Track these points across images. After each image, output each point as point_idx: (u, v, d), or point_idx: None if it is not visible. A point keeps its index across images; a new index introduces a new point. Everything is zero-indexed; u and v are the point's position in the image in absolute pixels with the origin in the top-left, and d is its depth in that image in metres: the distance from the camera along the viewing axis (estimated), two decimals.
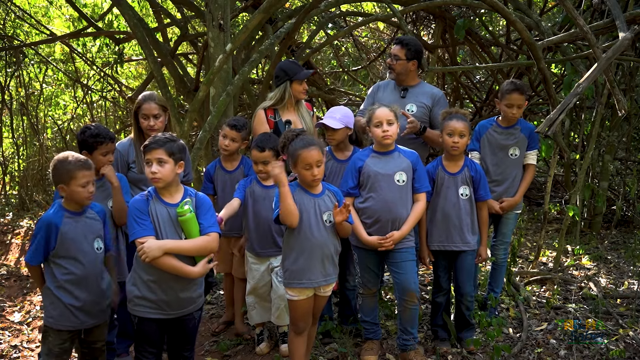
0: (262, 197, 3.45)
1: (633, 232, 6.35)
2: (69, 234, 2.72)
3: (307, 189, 2.94)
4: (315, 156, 2.85)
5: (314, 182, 2.91)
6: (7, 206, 7.89)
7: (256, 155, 3.40)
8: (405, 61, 3.81)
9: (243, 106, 7.91)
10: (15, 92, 8.46)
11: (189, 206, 2.66)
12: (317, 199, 2.93)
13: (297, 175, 2.97)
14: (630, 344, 3.53)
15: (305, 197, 2.92)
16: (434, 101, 3.82)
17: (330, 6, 5.41)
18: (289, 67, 3.82)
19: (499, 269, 3.96)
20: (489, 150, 3.78)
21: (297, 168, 2.89)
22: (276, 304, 3.51)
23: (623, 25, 3.51)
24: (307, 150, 2.83)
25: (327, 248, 2.93)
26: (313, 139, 2.94)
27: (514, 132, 3.77)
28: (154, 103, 3.43)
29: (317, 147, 2.87)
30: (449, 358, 3.41)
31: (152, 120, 3.41)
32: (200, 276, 2.70)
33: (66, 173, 2.69)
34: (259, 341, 3.64)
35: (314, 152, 2.84)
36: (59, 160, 2.73)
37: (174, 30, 8.34)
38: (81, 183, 2.70)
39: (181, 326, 2.79)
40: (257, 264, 3.55)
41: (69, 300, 2.73)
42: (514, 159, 3.77)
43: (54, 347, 2.77)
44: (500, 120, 3.83)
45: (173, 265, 2.60)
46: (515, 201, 3.80)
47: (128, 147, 3.52)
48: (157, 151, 2.62)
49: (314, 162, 2.84)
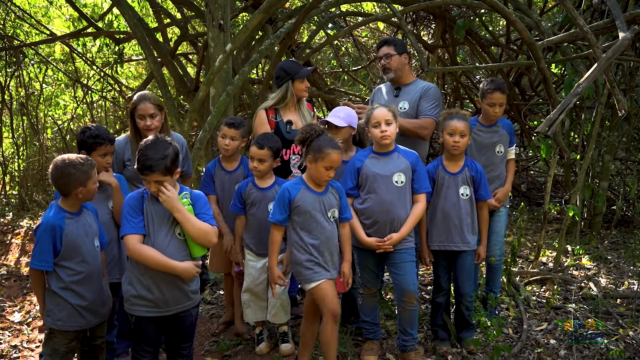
0: (259, 199, 3.50)
1: (633, 232, 6.35)
2: (73, 234, 2.74)
3: (313, 187, 3.02)
4: (339, 160, 2.97)
5: (325, 182, 3.01)
6: (7, 206, 7.89)
7: (254, 152, 3.42)
8: (398, 56, 3.87)
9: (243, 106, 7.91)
10: (15, 92, 8.45)
11: (187, 199, 2.69)
12: (322, 197, 3.02)
13: (309, 170, 3.03)
14: (630, 344, 3.53)
15: (310, 196, 3.00)
16: (422, 92, 3.83)
17: (330, 6, 5.41)
18: (289, 66, 3.82)
19: (496, 269, 3.93)
20: (476, 149, 3.77)
21: (317, 165, 2.94)
22: (272, 302, 3.53)
23: (623, 25, 3.51)
24: (336, 153, 2.94)
25: (334, 242, 3.06)
26: (338, 142, 3.01)
27: (497, 130, 3.79)
28: (149, 103, 3.45)
29: (341, 152, 3.00)
30: (449, 358, 3.41)
31: (148, 120, 3.44)
32: (185, 273, 2.67)
33: (83, 174, 2.72)
34: (259, 341, 3.65)
35: (339, 155, 2.97)
36: (71, 164, 2.72)
37: (174, 30, 8.34)
38: (95, 180, 2.77)
39: (178, 323, 2.79)
40: (253, 260, 3.57)
41: (76, 300, 2.74)
42: (500, 156, 3.80)
43: (61, 347, 2.78)
44: (481, 119, 3.84)
45: (157, 259, 2.60)
46: (507, 190, 3.82)
47: (124, 145, 3.54)
48: (153, 176, 2.60)
49: (336, 165, 2.96)
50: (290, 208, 3.01)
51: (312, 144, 2.98)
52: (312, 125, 3.10)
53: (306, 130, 3.05)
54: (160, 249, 2.63)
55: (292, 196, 2.99)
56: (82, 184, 2.72)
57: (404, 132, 3.66)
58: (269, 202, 3.43)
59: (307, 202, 2.99)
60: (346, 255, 3.13)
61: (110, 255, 3.17)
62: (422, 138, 3.80)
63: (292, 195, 2.99)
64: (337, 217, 3.07)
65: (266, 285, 3.56)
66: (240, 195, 3.53)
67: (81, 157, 2.77)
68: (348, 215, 3.14)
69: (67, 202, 2.78)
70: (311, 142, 2.99)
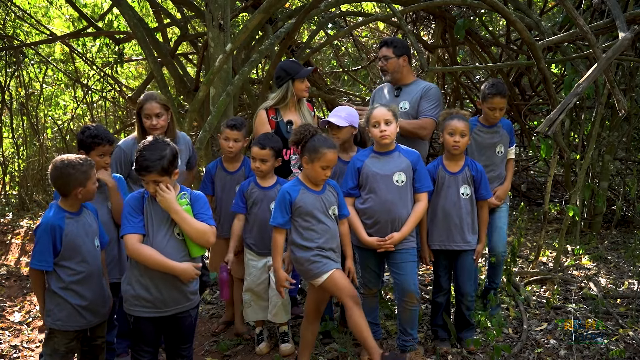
0: (260, 199, 3.51)
1: (633, 232, 6.34)
2: (73, 234, 2.75)
3: (311, 187, 3.05)
4: (335, 158, 3.03)
5: (322, 181, 3.05)
6: (7, 206, 7.89)
7: (256, 152, 3.44)
8: (396, 58, 3.85)
9: (243, 106, 7.91)
10: (15, 92, 8.45)
11: (186, 199, 2.69)
12: (321, 196, 3.06)
13: (305, 170, 3.05)
14: (630, 344, 3.53)
15: (310, 196, 3.03)
16: (422, 92, 3.83)
17: (330, 6, 5.41)
18: (289, 66, 3.82)
19: (499, 264, 3.92)
20: (477, 150, 3.77)
21: (314, 165, 2.98)
22: (273, 302, 3.53)
23: (623, 25, 3.51)
24: (332, 152, 2.98)
25: (337, 239, 3.10)
26: (333, 141, 3.06)
27: (497, 130, 3.80)
28: (156, 102, 3.47)
29: (337, 150, 3.05)
30: (449, 358, 3.41)
31: (154, 120, 3.46)
32: (184, 274, 2.67)
33: (83, 174, 2.73)
34: (259, 341, 3.65)
35: (335, 154, 3.01)
36: (70, 165, 2.72)
37: (174, 30, 8.34)
38: (94, 180, 2.79)
39: (177, 324, 2.79)
40: (254, 260, 3.57)
41: (76, 300, 2.75)
42: (500, 156, 3.81)
43: (61, 347, 2.78)
44: (481, 119, 3.84)
45: (155, 259, 2.60)
46: (506, 188, 3.84)
47: (132, 146, 3.54)
48: (150, 176, 2.61)
49: (332, 164, 3.01)
50: (291, 210, 3.01)
51: (307, 144, 3.01)
52: (305, 126, 3.12)
53: (300, 132, 3.07)
54: (159, 248, 2.63)
55: (293, 198, 3.00)
56: (82, 184, 2.73)
57: (403, 132, 3.65)
58: (271, 201, 3.45)
59: (308, 202, 3.00)
60: (347, 252, 3.16)
61: (110, 255, 3.18)
62: (422, 138, 3.80)
63: (292, 197, 3.00)
64: (337, 214, 3.11)
65: (267, 285, 3.56)
66: (242, 194, 3.54)
67: (80, 158, 2.78)
68: (346, 212, 3.18)
69: (66, 202, 2.78)
70: (306, 142, 3.02)
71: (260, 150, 3.42)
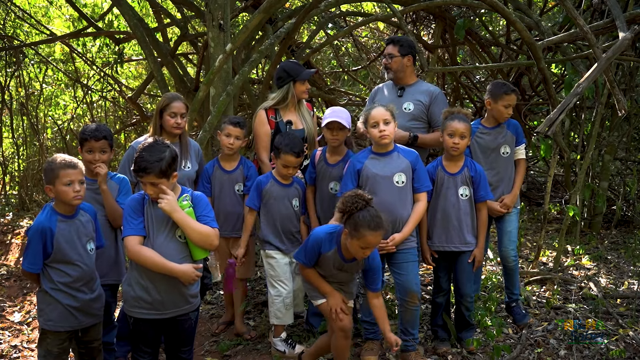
0: (281, 196, 3.54)
1: (633, 232, 6.34)
2: (64, 237, 2.72)
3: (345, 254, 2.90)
4: (377, 242, 2.78)
5: (360, 257, 2.84)
6: (7, 206, 7.89)
7: (291, 161, 3.42)
8: (400, 57, 3.85)
9: (243, 106, 7.91)
10: (15, 92, 8.45)
11: (187, 201, 2.68)
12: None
13: (343, 239, 2.85)
14: (630, 344, 3.53)
15: (333, 255, 2.94)
16: (431, 99, 3.82)
17: (330, 6, 5.41)
18: (291, 67, 3.82)
19: (513, 270, 3.86)
20: (480, 153, 3.73)
21: (353, 241, 2.74)
22: (295, 293, 3.61)
23: (623, 25, 3.51)
24: (373, 235, 2.71)
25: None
26: (383, 221, 2.75)
27: (501, 131, 3.75)
28: (182, 102, 3.57)
29: (383, 232, 2.79)
30: (449, 358, 3.41)
31: (179, 119, 3.52)
32: (184, 276, 2.65)
33: (51, 172, 2.72)
34: (291, 345, 3.52)
35: (378, 237, 2.75)
36: (47, 162, 2.77)
37: (174, 30, 8.34)
38: (64, 182, 2.70)
39: (176, 327, 2.79)
40: (283, 258, 3.57)
41: (67, 301, 2.73)
42: (506, 157, 3.75)
43: (53, 348, 2.76)
44: (484, 121, 3.81)
45: (155, 261, 2.59)
46: (515, 194, 3.77)
47: None
48: (147, 177, 2.60)
49: (372, 247, 2.78)
50: (316, 258, 2.97)
51: (353, 216, 2.73)
52: (358, 195, 2.78)
53: (350, 201, 2.76)
54: (159, 250, 2.62)
55: (322, 251, 2.93)
56: (50, 182, 2.72)
57: (424, 146, 3.75)
58: (293, 197, 3.55)
59: (328, 259, 2.94)
60: (384, 326, 3.05)
61: (107, 257, 3.15)
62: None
63: (322, 250, 2.93)
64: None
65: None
66: (260, 191, 3.54)
67: (65, 157, 2.75)
68: (378, 287, 3.10)
69: (59, 204, 2.77)
70: (352, 214, 2.75)
71: (297, 159, 3.42)
